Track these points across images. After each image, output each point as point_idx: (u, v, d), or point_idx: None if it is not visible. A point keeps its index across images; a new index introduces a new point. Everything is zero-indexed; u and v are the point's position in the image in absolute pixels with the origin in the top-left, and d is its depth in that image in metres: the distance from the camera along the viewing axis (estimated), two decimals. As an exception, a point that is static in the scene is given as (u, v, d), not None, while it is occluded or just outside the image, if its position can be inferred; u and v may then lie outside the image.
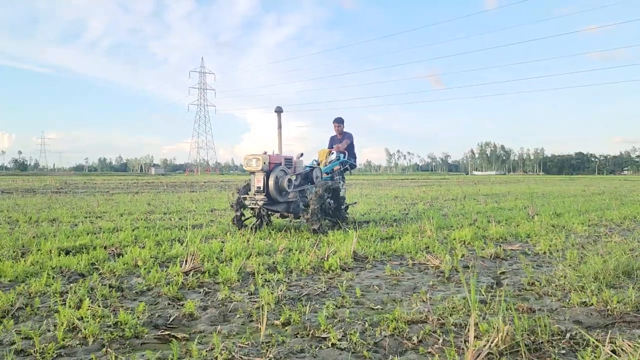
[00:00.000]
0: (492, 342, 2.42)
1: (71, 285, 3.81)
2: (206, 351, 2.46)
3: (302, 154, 7.44)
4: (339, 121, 8.79)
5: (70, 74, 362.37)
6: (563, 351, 2.49)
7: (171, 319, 3.00)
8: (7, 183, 29.57)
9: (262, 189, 6.65)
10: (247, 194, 6.85)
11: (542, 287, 3.79)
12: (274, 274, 4.19)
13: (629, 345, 2.36)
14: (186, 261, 4.36)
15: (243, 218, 7.20)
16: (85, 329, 2.70)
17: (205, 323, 2.97)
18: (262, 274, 4.16)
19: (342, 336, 2.70)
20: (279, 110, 7.16)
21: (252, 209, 6.98)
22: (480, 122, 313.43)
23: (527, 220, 8.37)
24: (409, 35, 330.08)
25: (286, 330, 2.85)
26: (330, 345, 2.57)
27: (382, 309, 3.28)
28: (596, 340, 2.52)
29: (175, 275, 4.06)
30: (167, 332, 2.76)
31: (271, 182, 6.68)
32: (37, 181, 34.09)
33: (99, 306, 3.16)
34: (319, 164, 8.40)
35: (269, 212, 7.37)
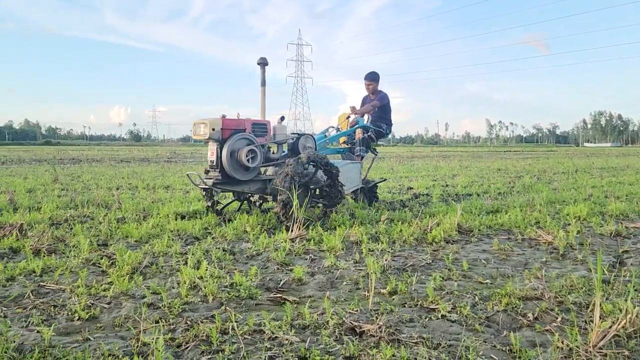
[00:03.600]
0: (619, 324, 2.24)
1: (188, 247, 4.10)
2: (317, 315, 2.53)
3: (283, 118, 5.95)
4: (370, 77, 6.96)
5: (176, 50, 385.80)
6: None
7: (281, 283, 3.13)
8: (125, 153, 32.36)
9: (214, 163, 5.13)
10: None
11: (674, 269, 3.45)
12: (378, 244, 4.20)
13: None
14: (292, 229, 4.50)
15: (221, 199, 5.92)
16: (205, 288, 2.89)
17: (314, 288, 3.06)
18: (365, 244, 4.19)
19: (452, 308, 2.65)
20: (262, 63, 5.71)
21: (204, 189, 5.43)
22: (592, 90, 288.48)
23: (652, 196, 7.61)
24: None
25: (393, 299, 2.86)
26: (440, 317, 2.53)
27: (491, 284, 3.17)
28: None
29: (282, 242, 4.22)
30: (278, 295, 2.89)
31: (224, 155, 5.01)
32: (150, 151, 36.89)
33: (215, 267, 3.37)
34: (338, 130, 6.94)
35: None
